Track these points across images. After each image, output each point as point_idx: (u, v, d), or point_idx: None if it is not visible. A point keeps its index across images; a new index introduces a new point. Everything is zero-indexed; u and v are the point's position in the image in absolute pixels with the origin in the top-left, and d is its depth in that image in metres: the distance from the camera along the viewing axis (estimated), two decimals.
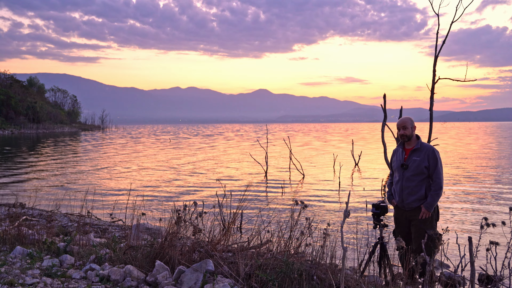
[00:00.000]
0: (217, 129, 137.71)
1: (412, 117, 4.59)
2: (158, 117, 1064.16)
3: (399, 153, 4.48)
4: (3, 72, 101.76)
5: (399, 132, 4.42)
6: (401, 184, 4.34)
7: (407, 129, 4.36)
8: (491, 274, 4.59)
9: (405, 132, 4.36)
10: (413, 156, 4.31)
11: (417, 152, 4.31)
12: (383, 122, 15.44)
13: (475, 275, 3.73)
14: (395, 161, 4.50)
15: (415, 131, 4.43)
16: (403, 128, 4.38)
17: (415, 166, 4.26)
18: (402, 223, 4.41)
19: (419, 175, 4.26)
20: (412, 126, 4.39)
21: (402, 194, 4.33)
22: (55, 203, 9.01)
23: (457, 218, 9.18)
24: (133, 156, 27.57)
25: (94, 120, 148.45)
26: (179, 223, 4.12)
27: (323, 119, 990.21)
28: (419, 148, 4.32)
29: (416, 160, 4.27)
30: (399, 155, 4.46)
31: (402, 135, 4.39)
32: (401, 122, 4.42)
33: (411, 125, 4.38)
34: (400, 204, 4.38)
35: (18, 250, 4.43)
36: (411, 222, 4.33)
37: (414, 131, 4.41)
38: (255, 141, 45.06)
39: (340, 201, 11.35)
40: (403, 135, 4.38)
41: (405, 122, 4.39)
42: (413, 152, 4.33)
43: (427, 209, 4.20)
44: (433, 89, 12.22)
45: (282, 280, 3.41)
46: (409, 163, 4.30)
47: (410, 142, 4.41)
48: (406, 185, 4.30)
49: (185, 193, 12.63)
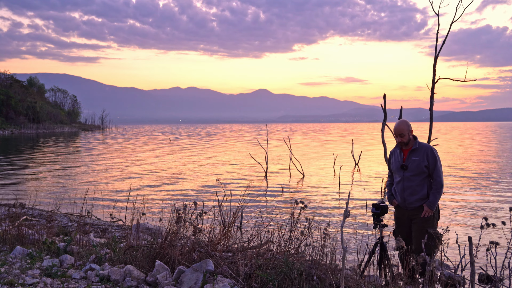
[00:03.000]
0: (217, 129, 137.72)
1: (412, 117, 4.60)
2: (158, 117, 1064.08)
3: (396, 154, 4.49)
4: (3, 72, 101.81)
5: (397, 139, 4.43)
6: (402, 185, 4.35)
7: (404, 136, 4.36)
8: (491, 274, 4.59)
9: (403, 139, 4.37)
10: (412, 156, 4.32)
11: (416, 152, 4.32)
12: (383, 122, 15.44)
13: (475, 275, 3.73)
14: (393, 162, 4.51)
15: (411, 134, 4.43)
16: (400, 136, 4.37)
17: (415, 166, 4.28)
18: (404, 222, 4.42)
19: (420, 174, 4.27)
20: (409, 131, 4.38)
21: (403, 194, 4.34)
22: (55, 203, 9.01)
23: (457, 218, 9.18)
24: (133, 156, 27.57)
25: (94, 120, 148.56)
26: (179, 223, 4.12)
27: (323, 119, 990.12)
28: (417, 148, 4.33)
29: (415, 160, 4.29)
30: (397, 156, 4.47)
31: (400, 142, 4.40)
32: (397, 130, 4.39)
33: (408, 130, 4.37)
34: (402, 204, 4.39)
35: (18, 250, 4.43)
36: (413, 221, 4.34)
37: (411, 135, 4.41)
38: (255, 141, 45.05)
39: (340, 201, 11.35)
40: (401, 142, 4.39)
41: (402, 130, 4.36)
42: (412, 152, 4.34)
43: (429, 207, 4.23)
44: (433, 89, 12.22)
45: (282, 280, 3.41)
46: (409, 163, 4.31)
47: (407, 144, 4.43)
48: (408, 185, 4.31)
49: (185, 193, 12.63)
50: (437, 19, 12.63)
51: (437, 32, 12.70)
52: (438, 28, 12.69)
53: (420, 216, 4.27)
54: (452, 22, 12.42)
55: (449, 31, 12.47)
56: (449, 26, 12.40)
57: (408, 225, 4.38)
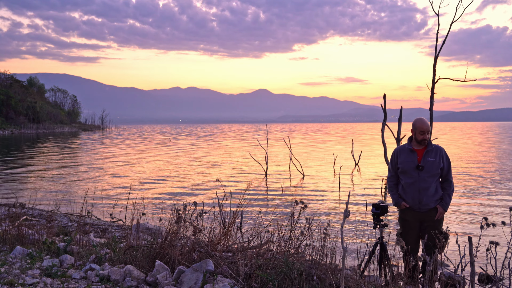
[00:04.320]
0: (217, 129, 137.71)
1: (412, 117, 4.58)
2: (158, 117, 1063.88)
3: (406, 153, 4.33)
4: (3, 72, 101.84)
5: (421, 136, 4.26)
6: (418, 186, 4.23)
7: (427, 135, 4.27)
8: (491, 274, 4.59)
9: (426, 137, 4.26)
10: (428, 157, 4.24)
11: (431, 153, 4.25)
12: (383, 122, 15.44)
13: (475, 275, 3.73)
14: (404, 162, 4.32)
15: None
16: (427, 132, 4.26)
17: (432, 167, 4.21)
18: (413, 226, 4.33)
19: (435, 176, 4.24)
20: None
21: (419, 195, 4.23)
22: (55, 203, 9.01)
23: (458, 218, 9.18)
24: (133, 156, 27.57)
25: (94, 120, 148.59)
26: (179, 223, 4.12)
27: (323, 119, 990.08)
28: (432, 149, 4.27)
29: (431, 161, 4.22)
30: (408, 156, 4.31)
31: (423, 139, 4.26)
32: (426, 127, 4.25)
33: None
34: (416, 206, 4.27)
35: (18, 250, 4.43)
36: (424, 223, 4.28)
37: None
38: (254, 141, 45.05)
39: (340, 201, 11.35)
40: (424, 139, 4.26)
41: (428, 127, 4.28)
42: (427, 153, 4.26)
43: (444, 209, 4.24)
44: (433, 89, 12.22)
45: (282, 280, 3.41)
46: (425, 164, 4.22)
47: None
48: (424, 186, 4.22)
49: (185, 193, 12.63)
50: (437, 19, 12.64)
51: (437, 32, 12.70)
52: (438, 28, 12.70)
53: (433, 218, 4.23)
54: (452, 22, 12.42)
55: (449, 31, 12.47)
56: (449, 26, 12.40)
57: (418, 228, 4.31)
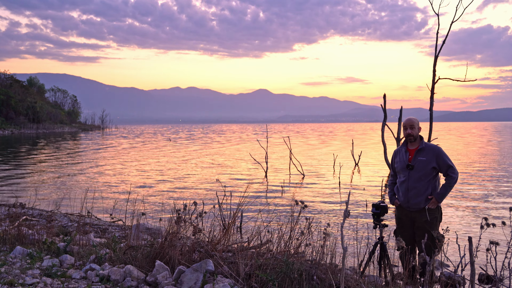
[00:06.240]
0: (217, 129, 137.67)
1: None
2: (158, 117, 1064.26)
3: (402, 153, 4.41)
4: (3, 72, 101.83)
5: (406, 132, 4.35)
6: (407, 185, 4.27)
7: (414, 129, 4.31)
8: (491, 274, 4.59)
9: (412, 132, 4.31)
10: (419, 157, 4.25)
11: (422, 152, 4.26)
12: (383, 122, 15.44)
13: (475, 275, 3.73)
14: (398, 161, 4.42)
15: (420, 130, 4.39)
16: (410, 127, 4.32)
17: (421, 167, 4.21)
18: (405, 223, 4.36)
19: (426, 175, 4.21)
20: (419, 127, 4.36)
21: (408, 194, 4.26)
22: (55, 203, 9.01)
23: (458, 218, 9.18)
24: (133, 156, 27.57)
25: (94, 120, 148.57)
26: (179, 223, 4.12)
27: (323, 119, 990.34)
28: (424, 148, 4.27)
29: (422, 160, 4.22)
30: (403, 155, 4.38)
31: (409, 134, 4.32)
32: (408, 121, 4.36)
33: (418, 125, 4.35)
34: (405, 205, 4.31)
35: (18, 250, 4.43)
36: (415, 223, 4.27)
37: (420, 130, 4.38)
38: (254, 141, 45.04)
39: (340, 201, 11.35)
40: (410, 134, 4.32)
41: (413, 121, 4.34)
42: (418, 152, 4.27)
43: (437, 199, 4.17)
44: (433, 89, 12.23)
45: (282, 280, 3.40)
46: (415, 163, 4.24)
47: (414, 142, 4.36)
48: (413, 185, 4.24)
49: (185, 193, 12.63)
50: (437, 19, 12.64)
51: (437, 32, 12.71)
52: (438, 28, 12.70)
53: (424, 219, 4.20)
54: (452, 22, 12.42)
55: (449, 31, 12.48)
56: (449, 25, 12.41)
57: (410, 227, 4.32)
